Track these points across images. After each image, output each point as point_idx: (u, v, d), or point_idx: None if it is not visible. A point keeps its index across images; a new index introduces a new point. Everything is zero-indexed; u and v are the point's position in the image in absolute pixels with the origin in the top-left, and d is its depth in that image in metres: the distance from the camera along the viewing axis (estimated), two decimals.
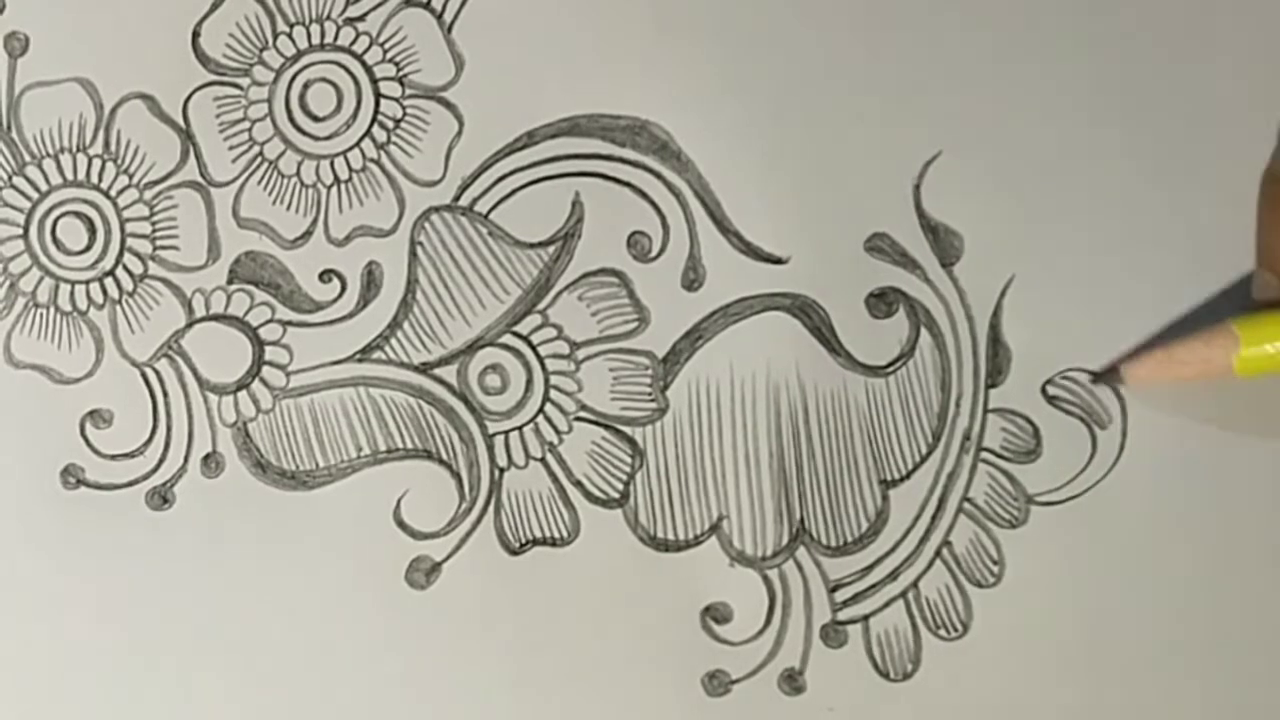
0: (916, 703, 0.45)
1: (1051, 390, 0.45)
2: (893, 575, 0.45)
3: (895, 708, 0.45)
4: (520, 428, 0.46)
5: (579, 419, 0.46)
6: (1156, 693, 0.45)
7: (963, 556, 0.45)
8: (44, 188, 0.47)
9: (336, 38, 0.47)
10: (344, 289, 0.46)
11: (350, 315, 0.46)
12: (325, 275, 0.46)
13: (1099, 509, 0.45)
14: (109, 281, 0.47)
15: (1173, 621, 0.45)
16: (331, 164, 0.46)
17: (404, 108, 0.46)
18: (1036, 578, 0.45)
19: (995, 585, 0.45)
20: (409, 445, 0.46)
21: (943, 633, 0.45)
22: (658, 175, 0.46)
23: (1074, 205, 0.45)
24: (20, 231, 0.47)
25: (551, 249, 0.46)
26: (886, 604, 0.45)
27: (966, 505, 0.45)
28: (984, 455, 0.45)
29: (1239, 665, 0.45)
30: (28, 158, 0.47)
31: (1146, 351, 0.44)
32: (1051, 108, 0.45)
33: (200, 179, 0.47)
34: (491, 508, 0.46)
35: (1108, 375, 0.45)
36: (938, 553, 0.45)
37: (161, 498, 0.46)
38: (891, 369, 0.46)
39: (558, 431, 0.46)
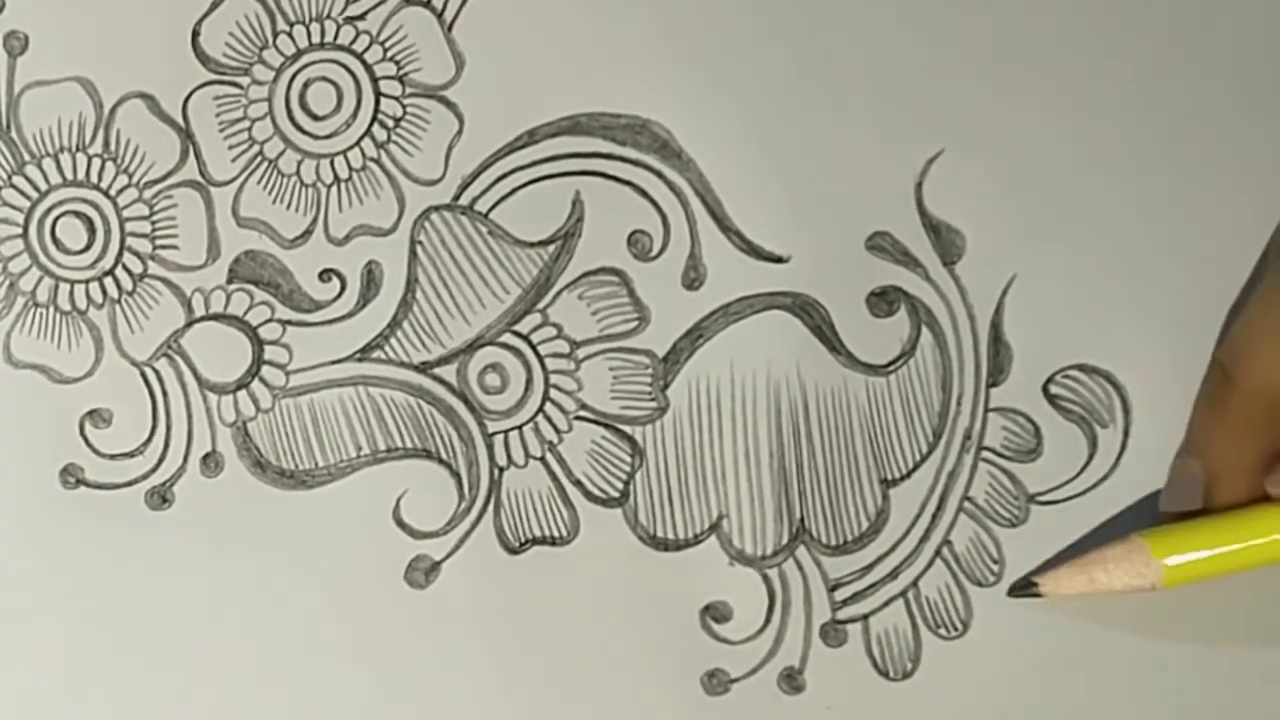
0: (916, 702, 0.45)
1: (1053, 389, 0.45)
2: (893, 574, 0.45)
3: (895, 707, 0.45)
4: (520, 427, 0.46)
5: (579, 418, 0.46)
6: (1155, 692, 0.45)
7: (963, 556, 0.45)
8: (43, 187, 0.47)
9: (336, 37, 0.47)
10: (344, 288, 0.46)
11: (350, 314, 0.46)
12: (325, 274, 0.46)
13: (1100, 509, 0.45)
14: (108, 281, 0.47)
15: (1172, 620, 0.44)
16: (331, 163, 0.46)
17: (404, 107, 0.46)
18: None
19: (995, 584, 0.45)
20: (408, 445, 0.46)
21: (942, 632, 0.45)
22: (658, 174, 0.46)
23: (1075, 204, 0.45)
24: (20, 231, 0.47)
25: (552, 248, 0.46)
26: (886, 603, 0.45)
27: (967, 504, 0.45)
28: (985, 454, 0.45)
29: (1238, 664, 0.45)
30: (27, 157, 0.47)
31: (1064, 565, 0.44)
32: (1053, 107, 0.45)
33: (200, 178, 0.47)
34: (491, 507, 0.46)
35: (1021, 588, 0.45)
36: (938, 552, 0.45)
37: (161, 497, 0.46)
38: (892, 368, 0.45)
39: (557, 431, 0.46)
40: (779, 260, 0.46)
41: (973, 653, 0.45)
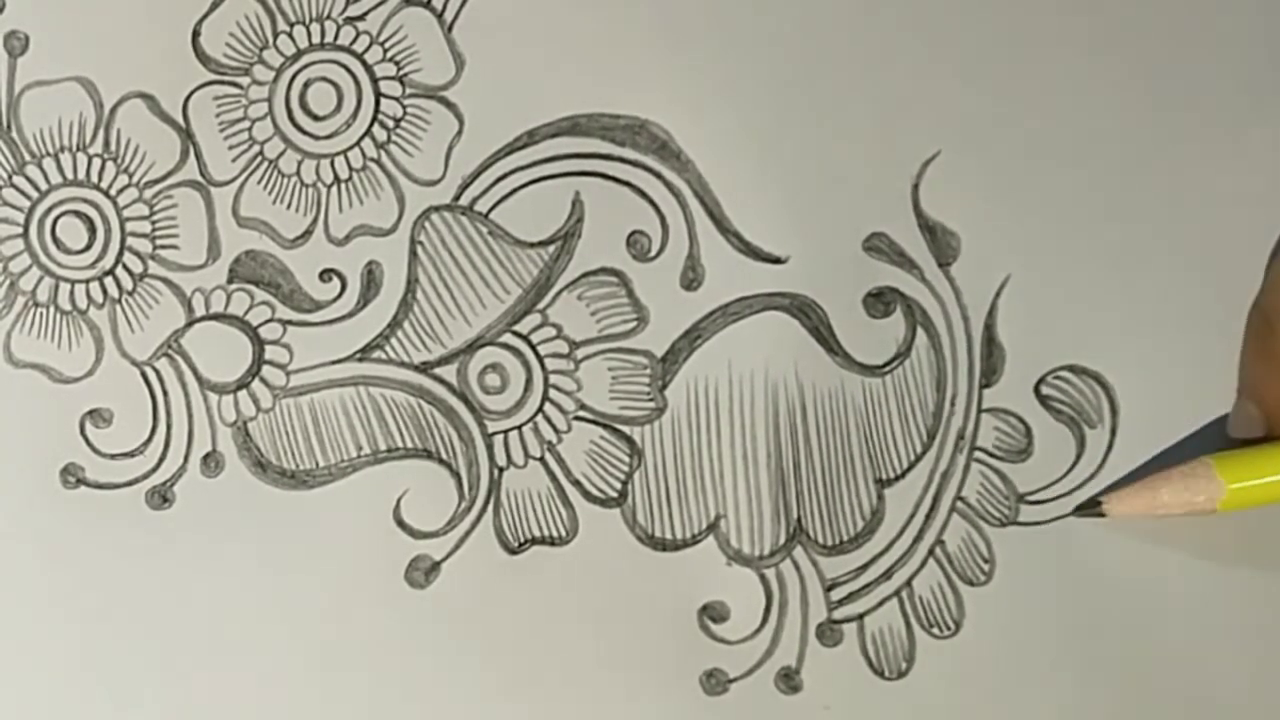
0: (911, 701, 0.45)
1: (1044, 390, 0.45)
2: (887, 574, 0.45)
3: (890, 706, 0.45)
4: (519, 427, 0.46)
5: (578, 418, 0.46)
6: (1149, 690, 0.45)
7: (955, 555, 0.45)
8: (44, 187, 0.47)
9: (337, 37, 0.46)
10: (344, 288, 0.46)
11: (350, 314, 0.46)
12: (325, 274, 0.46)
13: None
14: (109, 281, 0.46)
15: (1164, 619, 0.45)
16: (331, 163, 0.46)
17: (404, 107, 0.46)
18: (1028, 576, 0.45)
19: (987, 584, 0.45)
20: (409, 445, 0.46)
21: (936, 631, 0.45)
22: (657, 175, 0.46)
23: (1069, 207, 0.45)
24: (20, 231, 0.47)
25: (551, 248, 0.46)
26: (881, 603, 0.45)
27: (959, 504, 0.45)
28: (977, 454, 0.45)
29: (1233, 662, 0.45)
30: (27, 157, 0.47)
31: (1128, 485, 0.44)
32: (1049, 108, 0.45)
33: (200, 178, 0.46)
34: (491, 507, 0.46)
35: (1087, 507, 0.45)
36: (931, 551, 0.45)
37: (161, 497, 0.46)
38: (888, 369, 0.46)
39: (557, 431, 0.46)
40: (777, 261, 0.46)
41: (965, 652, 0.45)
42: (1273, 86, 0.45)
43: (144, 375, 0.46)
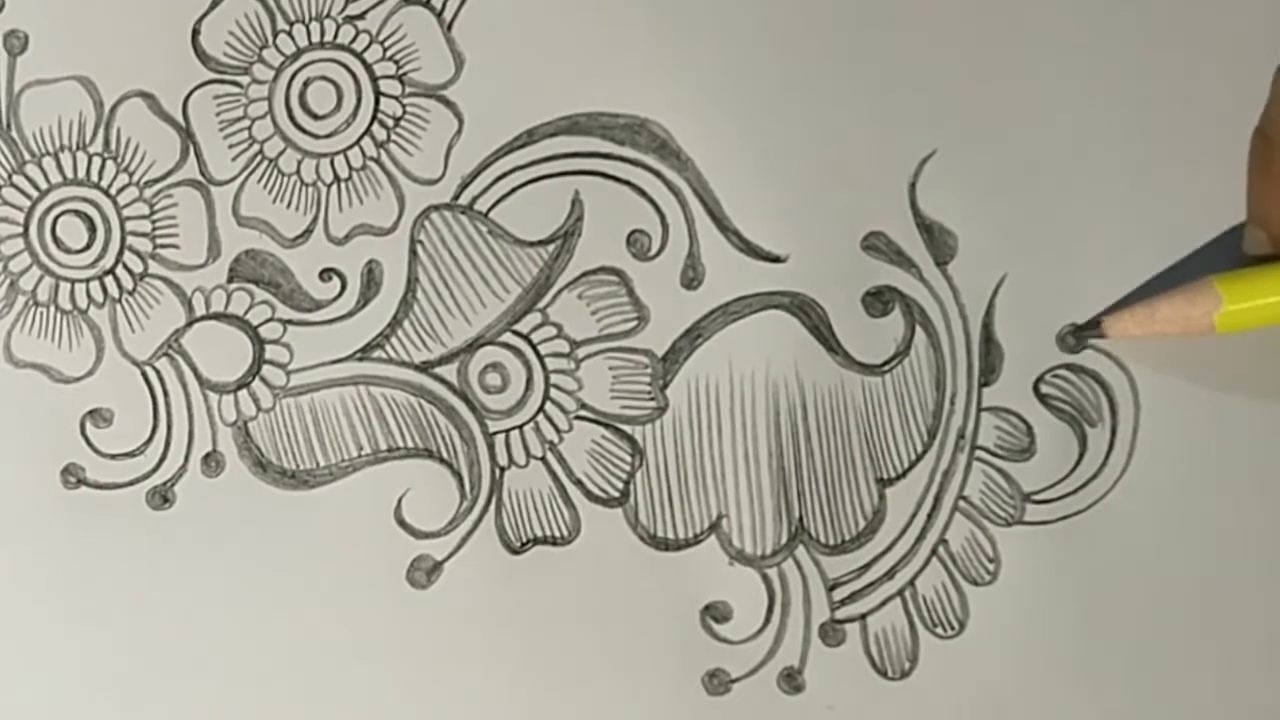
0: (914, 701, 0.45)
1: (1043, 389, 0.45)
2: (890, 574, 0.45)
3: (893, 706, 0.45)
4: (520, 426, 0.46)
5: (579, 418, 0.46)
6: (1152, 690, 0.45)
7: (959, 554, 0.45)
8: (44, 186, 0.47)
9: (336, 36, 0.46)
10: (344, 287, 0.46)
11: (350, 314, 0.46)
12: (325, 274, 0.46)
13: (1090, 506, 0.45)
14: (109, 280, 0.46)
15: (1168, 619, 0.45)
16: (331, 162, 0.46)
17: (404, 106, 0.46)
18: (1032, 575, 0.45)
19: (991, 583, 0.45)
20: (409, 444, 0.46)
21: (939, 631, 0.45)
22: (657, 174, 0.46)
23: (1067, 205, 0.45)
24: (20, 230, 0.47)
25: (551, 247, 0.46)
26: (883, 602, 0.45)
27: (962, 503, 0.45)
28: (979, 453, 0.45)
29: (1235, 662, 0.45)
30: (27, 156, 0.46)
31: (1128, 305, 0.44)
32: (1047, 107, 0.45)
33: (200, 177, 0.46)
34: (492, 507, 0.46)
35: (1088, 328, 0.45)
36: (934, 551, 0.45)
37: (162, 497, 0.46)
38: (887, 367, 0.46)
39: (558, 430, 0.46)
40: (777, 260, 0.46)
41: (969, 651, 0.45)
42: (1269, 86, 0.45)
43: (144, 375, 0.46)
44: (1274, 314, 0.43)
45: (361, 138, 0.46)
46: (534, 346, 0.46)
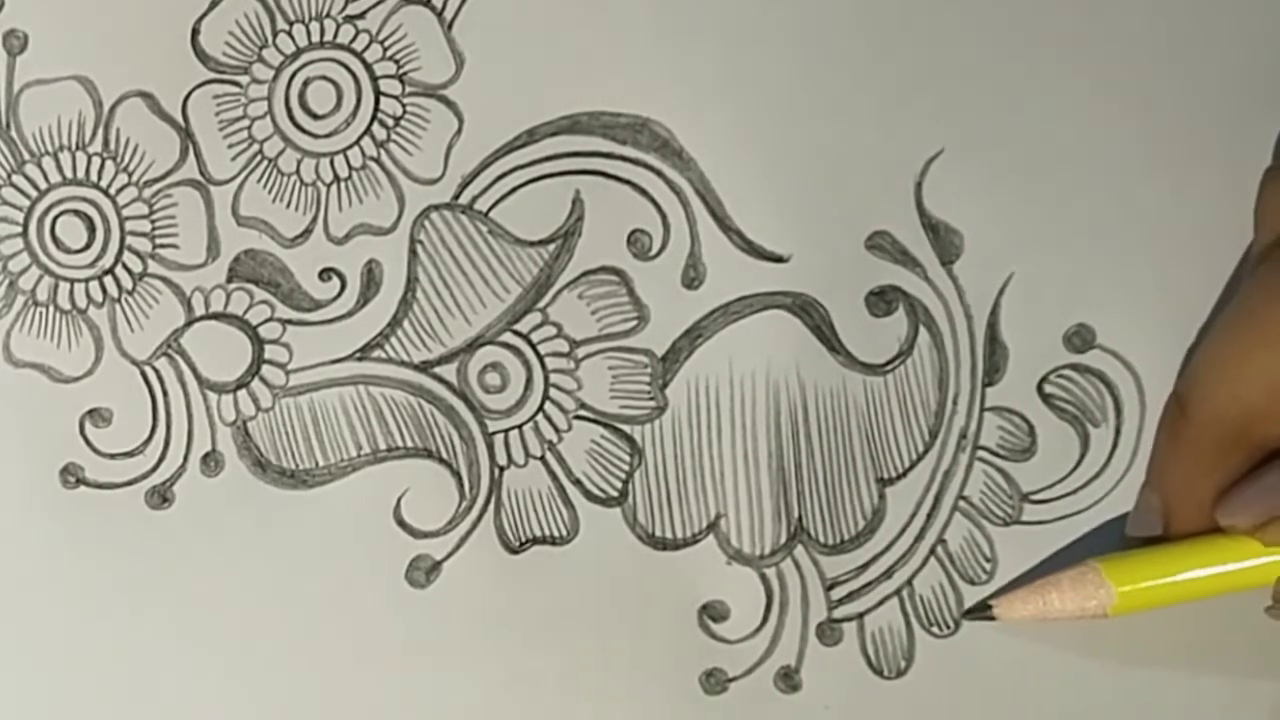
0: (910, 700, 0.45)
1: (1047, 389, 0.45)
2: (888, 573, 0.45)
3: (890, 705, 0.45)
4: (520, 426, 0.46)
5: (578, 417, 0.46)
6: (1150, 690, 0.45)
7: (957, 554, 0.45)
8: (43, 186, 0.47)
9: (336, 35, 0.46)
10: (344, 287, 0.46)
11: (350, 314, 0.46)
12: (325, 273, 0.46)
13: (1089, 507, 0.45)
14: (108, 280, 0.46)
15: (1166, 618, 0.45)
16: (331, 162, 0.46)
17: (404, 105, 0.46)
18: (1030, 575, 0.45)
19: (988, 583, 0.45)
20: (409, 444, 0.46)
21: (935, 630, 0.45)
22: (659, 173, 0.46)
23: (1072, 205, 0.45)
24: (19, 230, 0.47)
25: (551, 247, 0.46)
26: (881, 602, 0.45)
27: (962, 503, 0.45)
28: (980, 454, 0.45)
29: (1234, 662, 0.45)
30: (27, 156, 0.47)
31: (1019, 589, 0.44)
32: (1053, 106, 0.45)
33: (200, 177, 0.46)
34: (491, 506, 0.46)
35: (977, 611, 0.45)
36: (932, 550, 0.45)
37: (161, 497, 0.46)
38: (890, 367, 0.46)
39: (557, 430, 0.46)
40: (779, 260, 0.46)
41: (965, 651, 0.45)
42: (1273, 86, 0.45)
43: (144, 375, 0.46)
44: (1168, 595, 0.43)
45: (361, 137, 0.46)
46: (534, 346, 0.46)
